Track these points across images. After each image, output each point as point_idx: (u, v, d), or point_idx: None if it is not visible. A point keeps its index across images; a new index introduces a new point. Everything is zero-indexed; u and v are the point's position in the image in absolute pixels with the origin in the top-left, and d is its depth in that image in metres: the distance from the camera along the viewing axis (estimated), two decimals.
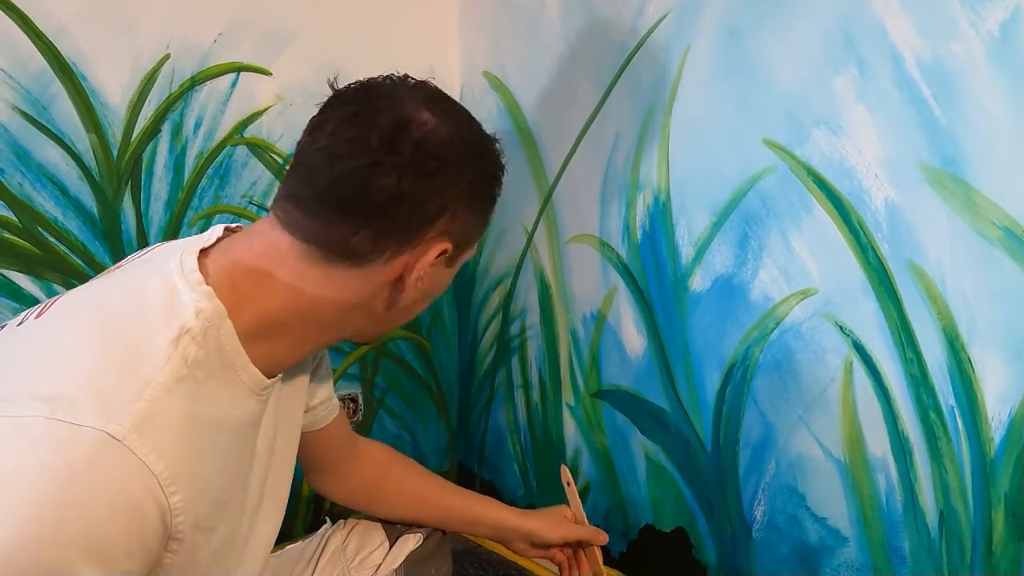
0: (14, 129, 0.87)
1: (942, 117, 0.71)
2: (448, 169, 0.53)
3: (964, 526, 0.73)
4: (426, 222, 0.53)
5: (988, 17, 0.68)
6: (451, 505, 0.85)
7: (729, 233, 0.89)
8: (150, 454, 0.45)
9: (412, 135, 0.52)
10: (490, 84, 1.19)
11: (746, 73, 0.85)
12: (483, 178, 0.58)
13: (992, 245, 0.69)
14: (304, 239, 0.52)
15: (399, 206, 0.52)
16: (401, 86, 0.57)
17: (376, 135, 0.51)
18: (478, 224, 0.59)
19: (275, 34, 1.05)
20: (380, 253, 0.53)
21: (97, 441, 0.43)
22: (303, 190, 0.53)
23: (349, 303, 0.55)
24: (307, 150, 0.53)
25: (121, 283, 0.56)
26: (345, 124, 0.52)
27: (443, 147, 0.53)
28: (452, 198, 0.54)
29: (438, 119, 0.54)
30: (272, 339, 0.54)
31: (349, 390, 1.19)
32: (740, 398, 0.90)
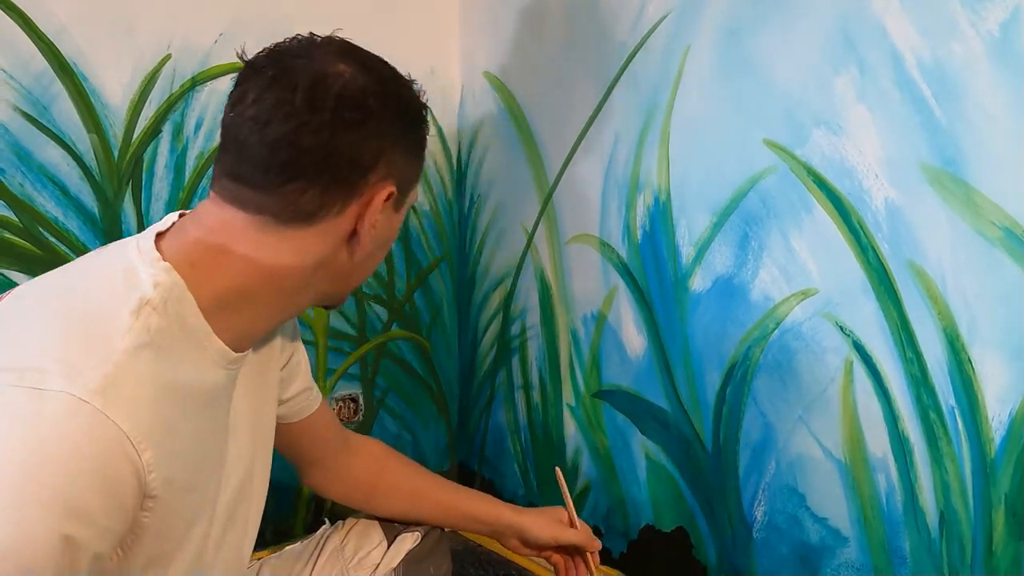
0: (15, 129, 0.87)
1: (942, 117, 0.71)
2: (373, 116, 0.55)
3: (964, 526, 0.73)
4: (366, 169, 0.55)
5: (988, 17, 0.68)
6: (448, 501, 0.85)
7: (729, 233, 0.89)
8: (118, 413, 0.45)
9: (332, 89, 0.53)
10: (491, 84, 1.19)
11: (746, 73, 0.85)
12: (408, 119, 0.59)
13: (992, 245, 0.69)
14: (256, 211, 0.54)
15: (336, 159, 0.53)
16: (310, 44, 0.58)
17: (298, 96, 0.52)
18: (413, 164, 0.61)
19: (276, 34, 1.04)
20: (330, 208, 0.54)
21: (65, 402, 0.44)
22: (241, 165, 0.54)
23: (311, 264, 0.56)
24: (234, 124, 0.54)
25: (80, 268, 0.57)
26: (265, 91, 0.53)
27: (364, 96, 0.55)
28: (384, 142, 0.56)
29: (354, 69, 0.55)
30: (237, 311, 0.55)
31: (350, 390, 1.19)
32: (740, 398, 0.90)
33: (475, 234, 1.26)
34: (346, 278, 0.61)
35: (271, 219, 0.54)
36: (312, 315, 1.14)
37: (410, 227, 1.24)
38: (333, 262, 0.58)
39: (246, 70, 0.56)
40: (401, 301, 1.24)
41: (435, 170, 1.26)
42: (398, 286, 1.23)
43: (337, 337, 1.17)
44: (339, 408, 1.18)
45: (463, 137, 1.26)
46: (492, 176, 1.22)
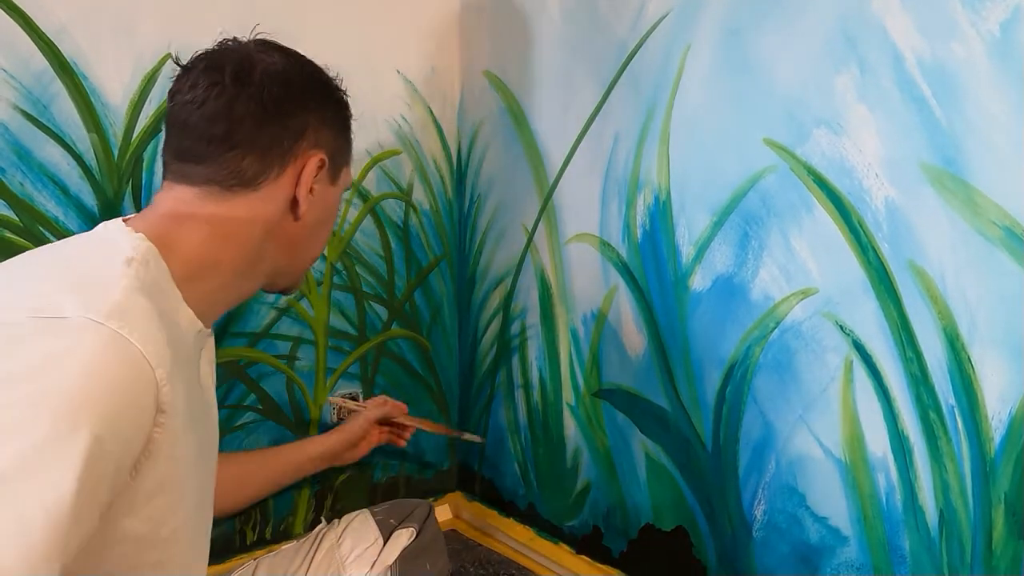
0: (15, 128, 0.87)
1: (943, 117, 0.71)
2: (295, 90, 0.64)
3: (964, 525, 0.73)
4: (296, 136, 0.63)
5: (989, 17, 0.68)
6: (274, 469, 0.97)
7: (729, 233, 0.89)
8: (132, 333, 0.48)
9: (256, 68, 0.62)
10: (491, 84, 1.19)
11: (746, 73, 0.85)
12: (327, 96, 0.68)
13: (993, 245, 0.69)
14: (203, 182, 0.61)
15: (268, 126, 0.62)
16: (235, 41, 0.66)
17: (227, 75, 0.61)
18: (340, 140, 0.69)
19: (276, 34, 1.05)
20: (268, 172, 0.62)
21: (84, 325, 0.47)
22: (184, 143, 0.62)
23: (260, 228, 0.63)
24: (174, 110, 0.63)
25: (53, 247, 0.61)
26: (200, 77, 0.62)
27: (287, 74, 0.64)
28: (308, 115, 0.64)
29: (278, 57, 0.64)
30: (202, 280, 0.60)
31: (349, 389, 1.19)
32: (740, 397, 0.90)
33: (475, 233, 1.26)
34: (295, 248, 0.67)
35: (216, 187, 0.61)
36: (313, 314, 1.14)
37: (410, 226, 1.24)
38: (281, 229, 0.64)
39: (181, 71, 0.64)
40: (401, 300, 1.24)
41: (435, 169, 1.26)
42: (398, 285, 1.23)
43: (337, 336, 1.17)
44: (339, 407, 1.18)
45: (463, 136, 1.26)
46: (492, 175, 1.22)
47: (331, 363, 1.17)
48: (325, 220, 0.70)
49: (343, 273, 1.17)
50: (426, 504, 0.92)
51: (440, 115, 1.24)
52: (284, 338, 1.11)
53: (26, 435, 0.43)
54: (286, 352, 1.12)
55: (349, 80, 1.15)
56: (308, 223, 0.66)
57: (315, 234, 0.69)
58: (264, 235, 0.63)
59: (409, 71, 1.20)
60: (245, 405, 1.08)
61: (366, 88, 1.15)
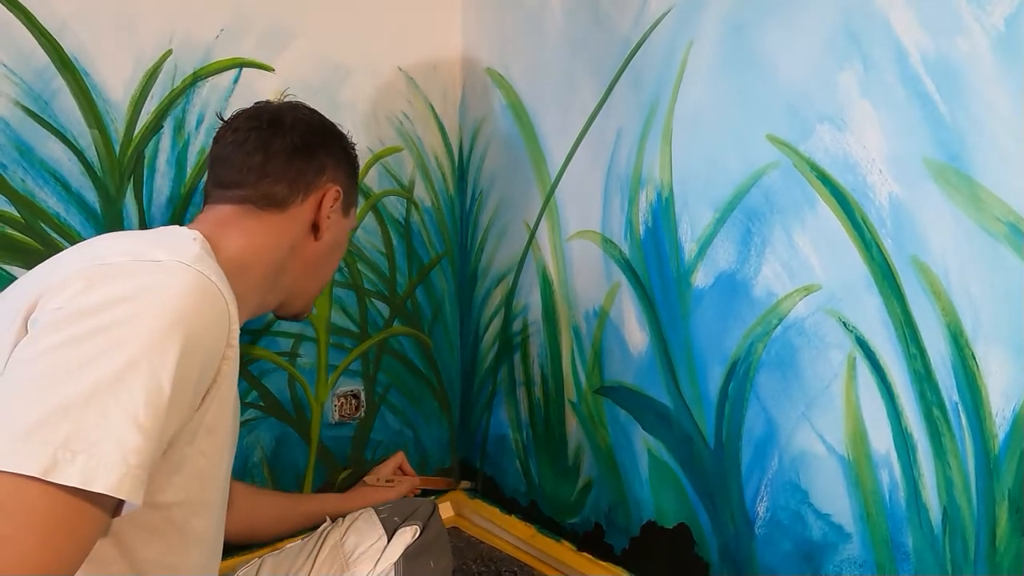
0: (16, 124, 0.87)
1: (946, 112, 0.71)
2: (319, 136, 0.79)
3: (968, 522, 0.73)
4: (318, 170, 0.78)
5: (993, 12, 0.67)
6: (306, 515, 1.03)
7: (732, 229, 0.89)
8: (211, 276, 0.58)
9: (287, 119, 0.78)
10: (493, 81, 1.19)
11: (749, 69, 0.85)
12: (343, 146, 0.83)
13: (997, 240, 0.69)
14: (240, 202, 0.74)
15: (297, 160, 0.76)
16: (275, 103, 0.82)
17: (264, 121, 0.77)
18: (350, 180, 0.83)
19: (278, 30, 1.05)
20: (295, 197, 0.76)
21: (176, 266, 0.57)
22: (225, 174, 0.75)
23: (286, 243, 0.75)
24: (216, 150, 0.77)
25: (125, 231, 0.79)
26: (241, 123, 0.77)
27: (312, 124, 0.80)
28: (328, 156, 0.79)
29: (305, 112, 0.81)
30: (239, 279, 0.67)
31: (351, 387, 1.19)
32: (743, 394, 0.90)
33: (477, 230, 1.26)
34: (312, 267, 0.79)
35: (252, 206, 0.74)
36: (315, 311, 1.14)
37: (412, 223, 1.23)
38: (302, 247, 0.77)
39: (224, 123, 0.79)
40: (403, 297, 1.24)
41: (437, 166, 1.26)
42: (400, 283, 1.23)
43: (339, 333, 1.17)
44: (340, 404, 1.18)
45: (465, 133, 1.26)
46: (494, 172, 1.21)
47: (333, 360, 1.17)
48: (337, 246, 0.82)
49: (345, 270, 1.17)
50: (429, 502, 0.92)
51: (442, 112, 1.24)
52: (286, 335, 1.11)
53: (131, 343, 0.51)
54: (288, 349, 1.12)
55: (351, 77, 1.15)
56: (324, 244, 0.79)
57: (328, 257, 0.81)
58: (289, 250, 0.76)
59: (411, 68, 1.20)
60: (247, 402, 1.08)
61: (368, 84, 1.15)
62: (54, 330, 0.51)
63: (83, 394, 0.49)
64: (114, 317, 0.52)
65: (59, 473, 0.47)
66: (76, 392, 0.49)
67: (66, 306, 0.52)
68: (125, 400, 0.50)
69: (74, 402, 0.49)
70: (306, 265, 0.78)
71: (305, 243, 0.77)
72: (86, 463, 0.48)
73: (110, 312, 0.52)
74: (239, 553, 1.10)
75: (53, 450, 0.47)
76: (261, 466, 1.11)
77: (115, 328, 0.51)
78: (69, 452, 0.47)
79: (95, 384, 0.49)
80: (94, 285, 0.53)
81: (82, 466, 0.47)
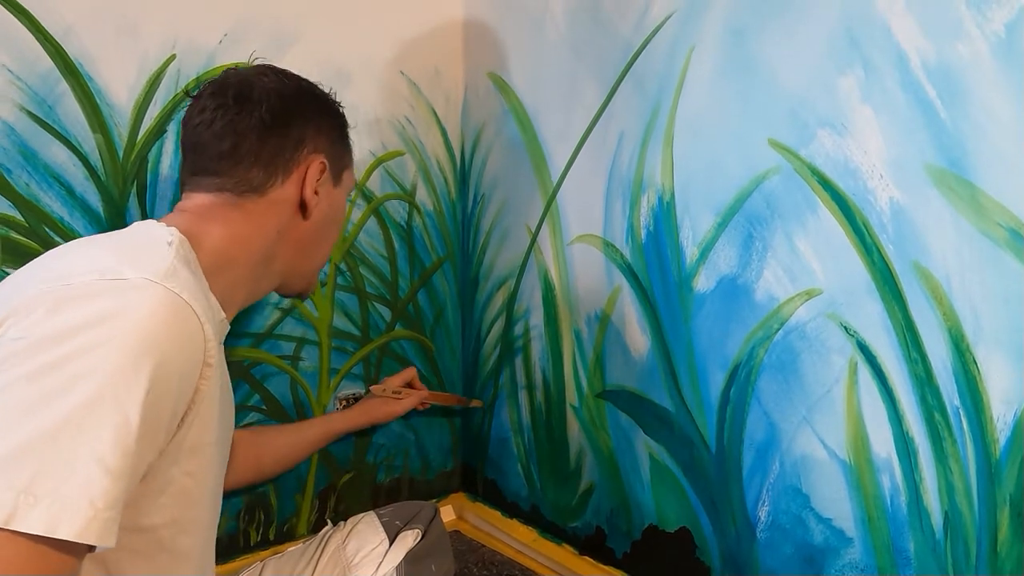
0: (21, 129, 0.87)
1: (947, 118, 0.71)
2: (293, 104, 0.71)
3: (969, 527, 0.73)
4: (296, 144, 0.71)
5: (994, 17, 0.68)
6: (309, 442, 1.05)
7: (734, 233, 0.89)
8: (183, 292, 0.54)
9: (256, 88, 0.70)
10: (495, 85, 1.19)
11: (751, 73, 0.85)
12: (322, 109, 0.75)
13: (998, 246, 0.69)
14: (217, 190, 0.68)
15: (270, 137, 0.69)
16: (243, 69, 0.74)
17: (230, 96, 0.69)
18: (338, 146, 0.76)
19: (280, 35, 1.05)
20: (275, 178, 0.70)
21: (143, 284, 0.53)
22: (199, 162, 0.69)
23: (272, 229, 0.70)
24: (187, 134, 0.71)
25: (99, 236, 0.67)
26: (207, 102, 0.70)
27: (283, 91, 0.71)
28: (306, 125, 0.71)
29: (274, 77, 0.72)
30: (224, 273, 0.65)
31: (353, 390, 1.19)
32: (744, 398, 0.90)
33: (479, 234, 1.26)
34: (305, 248, 0.74)
35: (229, 194, 0.68)
36: (316, 315, 1.14)
37: (413, 227, 1.24)
38: (291, 230, 0.71)
39: (192, 100, 0.72)
40: (404, 301, 1.24)
41: (439, 170, 1.26)
42: (401, 286, 1.23)
43: (340, 337, 1.17)
44: (343, 407, 1.18)
45: (467, 137, 1.26)
46: (496, 176, 1.22)
47: (335, 364, 1.17)
48: (332, 219, 0.76)
49: (347, 274, 1.17)
50: (431, 506, 0.92)
51: (444, 116, 1.25)
52: (288, 339, 1.12)
53: (96, 375, 0.48)
54: (290, 353, 1.12)
55: (353, 81, 1.16)
56: (316, 222, 0.73)
57: (323, 233, 0.75)
58: (276, 235, 0.70)
59: (413, 72, 1.20)
60: (249, 405, 1.09)
61: (370, 89, 1.15)
62: (15, 362, 0.48)
63: (46, 433, 0.46)
64: (78, 346, 0.49)
65: (21, 521, 0.44)
66: (38, 431, 0.46)
67: (28, 335, 0.49)
68: (91, 438, 0.47)
69: (36, 443, 0.46)
70: (299, 246, 0.73)
71: (294, 225, 0.71)
72: (49, 508, 0.45)
73: (73, 341, 0.49)
74: (240, 556, 1.10)
75: (15, 495, 0.44)
76: None
77: (78, 359, 0.48)
78: (32, 497, 0.45)
79: (58, 422, 0.47)
80: (56, 310, 0.50)
81: (45, 512, 0.45)
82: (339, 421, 1.09)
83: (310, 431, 1.05)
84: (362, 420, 1.11)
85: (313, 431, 1.05)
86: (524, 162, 1.15)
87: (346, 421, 1.09)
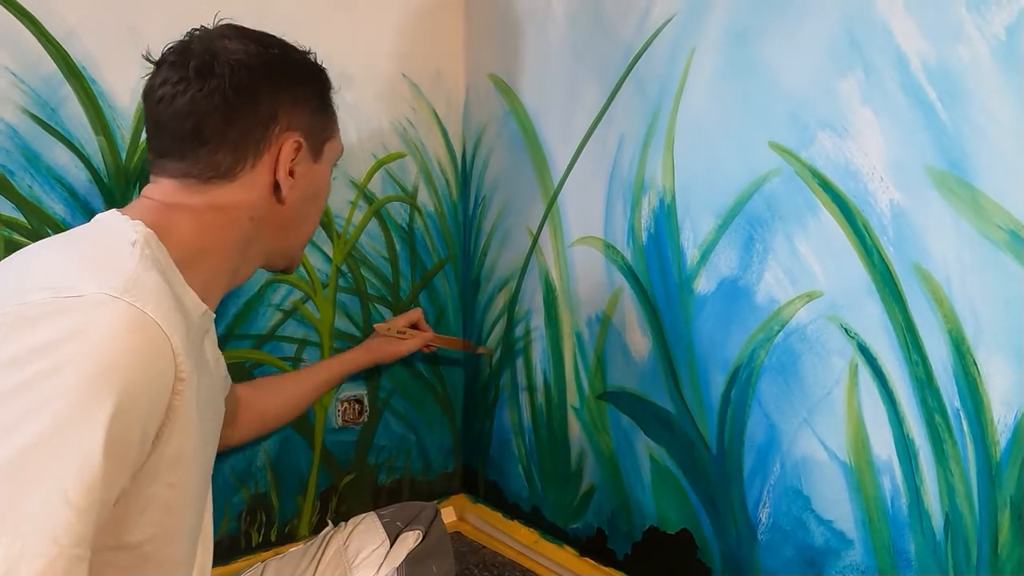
0: (24, 131, 0.87)
1: (948, 120, 0.71)
2: (262, 77, 0.64)
3: (970, 529, 0.73)
4: (267, 123, 0.64)
5: (994, 20, 0.68)
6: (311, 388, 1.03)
7: (734, 235, 0.89)
8: (146, 305, 0.51)
9: (219, 58, 0.63)
10: (496, 87, 1.20)
11: (751, 75, 0.85)
12: (298, 76, 0.67)
13: (998, 248, 0.69)
14: (182, 176, 0.63)
15: (236, 117, 0.62)
16: (202, 31, 0.67)
17: (191, 69, 0.62)
18: (318, 114, 0.69)
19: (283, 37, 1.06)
20: (243, 162, 0.64)
21: (100, 300, 0.49)
22: (162, 142, 0.63)
23: (244, 215, 0.64)
24: (148, 109, 0.64)
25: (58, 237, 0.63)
26: (168, 73, 0.63)
27: (250, 62, 0.64)
28: (277, 99, 0.64)
29: (240, 44, 0.64)
30: (199, 264, 0.61)
31: (355, 391, 1.19)
32: (745, 400, 0.90)
33: (480, 236, 1.26)
34: (285, 230, 0.69)
35: (194, 180, 0.63)
36: (318, 316, 1.14)
37: (415, 229, 1.24)
38: (268, 214, 0.66)
39: (153, 68, 0.65)
40: (406, 302, 1.24)
41: (440, 172, 1.26)
42: (403, 288, 1.24)
43: (342, 338, 1.17)
44: (344, 409, 1.18)
45: (468, 139, 1.27)
46: (497, 178, 1.22)
47: None
48: (313, 196, 0.71)
49: (348, 275, 1.17)
50: (432, 507, 0.92)
51: (445, 118, 1.25)
52: (289, 340, 1.12)
53: (55, 404, 0.45)
54: (291, 354, 1.12)
55: (354, 83, 1.16)
56: (294, 204, 0.67)
57: (304, 213, 0.70)
58: (251, 221, 0.65)
59: (414, 74, 1.20)
60: None
61: (371, 91, 1.15)
62: None
63: (5, 468, 0.44)
64: (34, 373, 0.46)
65: None
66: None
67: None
68: (53, 472, 0.45)
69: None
70: (278, 229, 0.68)
71: (269, 209, 0.66)
72: (9, 549, 0.42)
73: (29, 368, 0.46)
74: (242, 557, 1.10)
75: None
76: (265, 470, 1.11)
77: (36, 388, 0.46)
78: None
79: (17, 457, 0.44)
80: (10, 335, 0.48)
81: (5, 553, 0.42)
82: (342, 363, 1.07)
83: (312, 378, 1.03)
84: (365, 359, 1.09)
85: (315, 378, 1.04)
86: (525, 164, 1.16)
87: (348, 362, 1.07)
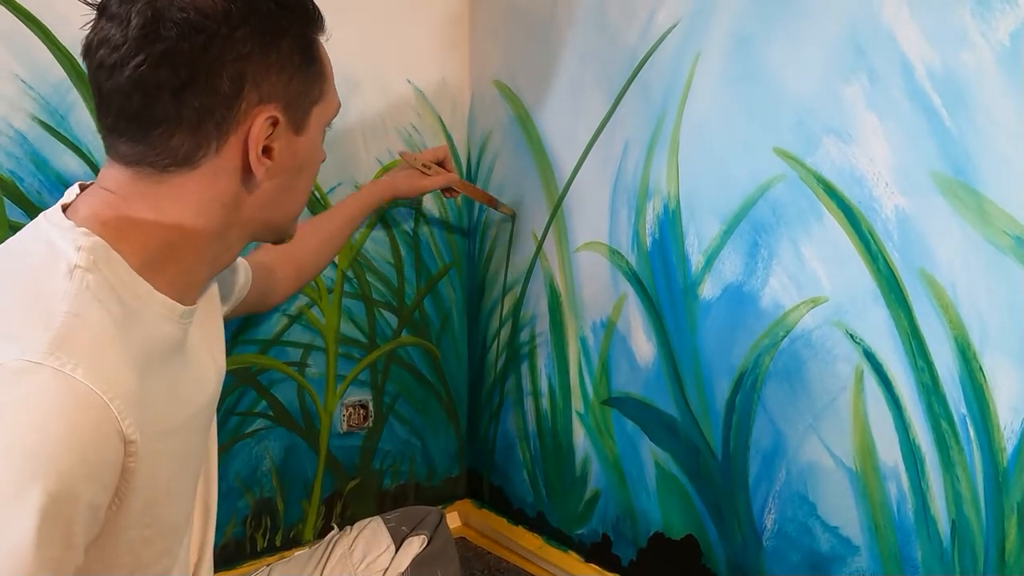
0: (33, 138, 0.88)
1: (952, 126, 0.71)
2: (219, 38, 0.50)
3: (976, 535, 0.73)
4: (230, 98, 0.51)
5: (998, 26, 0.68)
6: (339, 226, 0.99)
7: (739, 241, 0.89)
8: (76, 370, 0.44)
9: (167, 16, 0.49)
10: (500, 93, 1.20)
11: (756, 81, 0.86)
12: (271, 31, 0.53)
13: (1003, 253, 0.69)
14: (135, 163, 0.52)
15: (191, 94, 0.50)
16: None
17: (133, 28, 0.49)
18: (298, 77, 0.55)
19: None
20: (206, 146, 0.52)
21: (20, 366, 0.43)
22: (110, 117, 0.52)
23: (216, 206, 0.54)
24: (91, 74, 0.52)
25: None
26: (109, 28, 0.50)
27: (204, 14, 0.50)
28: (244, 64, 0.51)
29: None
30: (167, 265, 0.53)
31: (360, 397, 1.19)
32: (750, 406, 0.90)
33: (484, 241, 1.27)
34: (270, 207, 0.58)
35: (150, 169, 0.52)
36: (323, 321, 1.14)
37: (420, 234, 1.24)
38: (241, 201, 0.55)
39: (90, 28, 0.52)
40: (411, 308, 1.25)
41: None
42: (408, 293, 1.24)
43: (347, 343, 1.17)
44: (349, 414, 1.18)
45: (473, 145, 1.27)
46: (502, 183, 1.22)
47: (341, 370, 1.17)
48: (300, 169, 0.59)
49: (353, 281, 1.18)
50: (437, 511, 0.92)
51: (450, 124, 1.25)
52: (295, 345, 1.12)
53: None
54: (297, 359, 1.13)
55: (360, 89, 1.16)
56: (274, 186, 0.57)
57: (291, 187, 0.59)
58: (224, 209, 0.54)
59: (419, 80, 1.21)
60: (256, 412, 1.09)
61: (377, 97, 1.16)
62: None
63: None
64: None
65: None
66: None
67: None
68: None
69: None
70: (259, 208, 0.57)
71: (243, 195, 0.55)
72: None
73: None
74: (247, 562, 1.10)
75: None
76: (270, 475, 1.12)
77: None
78: None
79: None
80: None
81: None
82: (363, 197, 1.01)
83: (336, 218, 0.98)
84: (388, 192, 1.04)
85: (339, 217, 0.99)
86: (530, 170, 1.16)
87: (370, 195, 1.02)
